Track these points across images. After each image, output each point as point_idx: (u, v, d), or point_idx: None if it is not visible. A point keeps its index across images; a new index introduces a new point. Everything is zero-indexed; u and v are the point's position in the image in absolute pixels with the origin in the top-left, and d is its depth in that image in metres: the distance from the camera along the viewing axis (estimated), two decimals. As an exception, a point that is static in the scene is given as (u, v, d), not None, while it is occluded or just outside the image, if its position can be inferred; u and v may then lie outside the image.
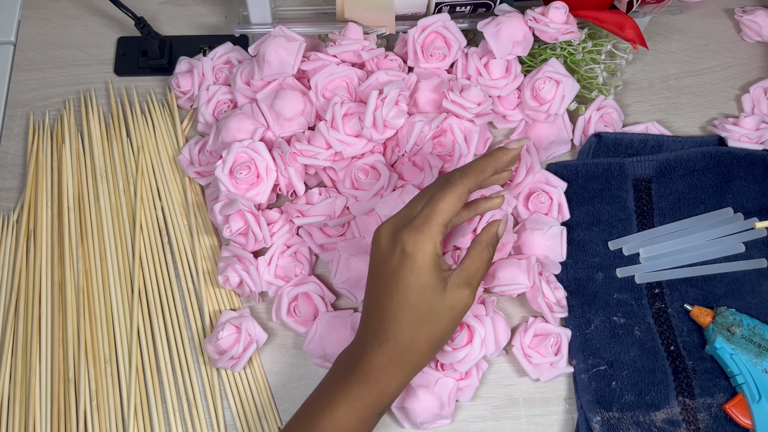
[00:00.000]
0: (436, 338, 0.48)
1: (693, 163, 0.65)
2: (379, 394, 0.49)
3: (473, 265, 0.49)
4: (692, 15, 0.75)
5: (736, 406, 0.57)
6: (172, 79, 0.68)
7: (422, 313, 0.47)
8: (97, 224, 0.63)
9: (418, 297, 0.47)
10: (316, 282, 0.60)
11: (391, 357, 0.48)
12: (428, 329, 0.48)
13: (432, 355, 0.50)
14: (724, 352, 0.57)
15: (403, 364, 0.49)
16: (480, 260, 0.49)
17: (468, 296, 0.48)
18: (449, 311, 0.48)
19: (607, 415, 0.57)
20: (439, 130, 0.62)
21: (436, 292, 0.47)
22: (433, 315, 0.47)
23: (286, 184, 0.62)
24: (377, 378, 0.48)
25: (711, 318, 0.59)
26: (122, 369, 0.59)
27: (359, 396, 0.48)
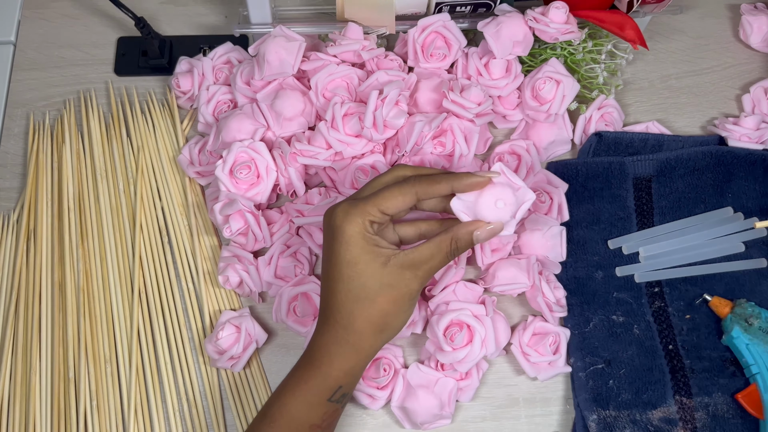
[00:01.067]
0: (375, 317, 0.48)
1: (693, 162, 0.65)
2: (323, 375, 0.48)
3: (427, 251, 0.48)
4: (692, 15, 0.75)
5: (748, 396, 0.57)
6: (172, 79, 0.68)
7: (355, 286, 0.47)
8: (97, 224, 0.63)
9: (350, 269, 0.47)
10: (316, 282, 0.60)
11: (332, 336, 0.48)
12: (365, 306, 0.47)
13: (375, 338, 0.49)
14: (741, 342, 0.58)
15: (344, 344, 0.48)
16: (437, 249, 0.48)
17: (410, 279, 0.47)
18: (387, 289, 0.47)
19: (603, 413, 0.57)
20: (440, 130, 0.62)
21: (369, 266, 0.47)
22: (368, 290, 0.47)
23: (286, 184, 0.62)
24: (321, 360, 0.48)
25: (730, 309, 0.59)
26: (122, 369, 0.59)
27: (304, 379, 0.48)
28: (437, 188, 0.48)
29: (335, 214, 0.48)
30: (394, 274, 0.47)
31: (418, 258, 0.48)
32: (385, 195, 0.48)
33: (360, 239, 0.47)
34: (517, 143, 0.64)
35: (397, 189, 0.48)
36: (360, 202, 0.48)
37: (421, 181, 0.48)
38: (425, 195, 0.49)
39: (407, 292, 0.48)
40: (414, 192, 0.48)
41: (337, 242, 0.47)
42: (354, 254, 0.47)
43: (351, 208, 0.47)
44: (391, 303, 0.48)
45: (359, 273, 0.47)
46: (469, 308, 0.56)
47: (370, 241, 0.47)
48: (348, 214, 0.47)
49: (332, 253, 0.48)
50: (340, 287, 0.48)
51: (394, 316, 0.48)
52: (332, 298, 0.48)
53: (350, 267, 0.47)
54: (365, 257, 0.47)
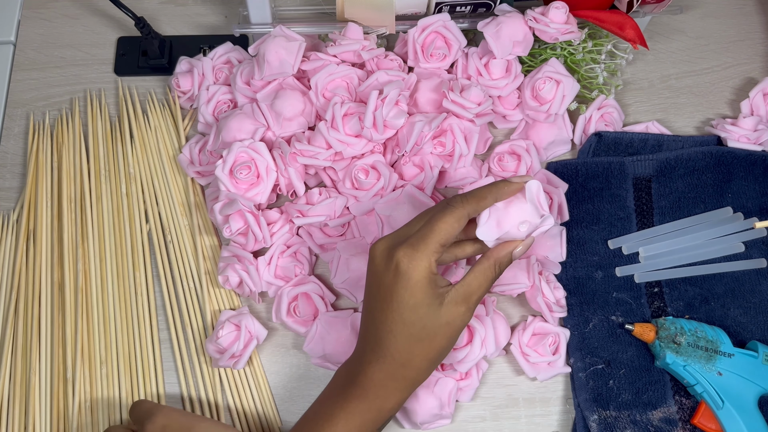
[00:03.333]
0: (433, 354, 0.48)
1: (693, 162, 0.65)
2: (378, 409, 0.49)
3: (475, 281, 0.48)
4: (692, 15, 0.75)
5: (703, 417, 0.56)
6: (172, 79, 0.68)
7: (417, 329, 0.47)
8: (97, 224, 0.63)
9: (413, 314, 0.47)
10: (316, 282, 0.60)
11: (388, 373, 0.48)
12: (424, 345, 0.48)
13: (430, 370, 0.50)
14: (677, 365, 0.57)
15: (401, 380, 0.49)
16: (483, 277, 0.49)
17: (464, 313, 0.48)
18: (445, 328, 0.48)
19: (604, 413, 0.57)
20: (439, 130, 0.62)
21: (431, 309, 0.47)
22: (429, 331, 0.47)
23: (286, 185, 0.62)
24: (376, 394, 0.49)
25: (654, 333, 0.58)
26: (123, 370, 0.59)
27: (358, 411, 0.49)
28: (485, 203, 0.49)
29: (398, 259, 0.47)
30: (451, 312, 0.47)
31: (469, 291, 0.48)
32: (441, 227, 0.47)
33: (425, 284, 0.47)
34: (517, 143, 0.64)
35: (449, 215, 0.47)
36: (421, 244, 0.47)
37: (469, 200, 0.48)
38: (475, 213, 0.49)
39: (461, 326, 0.49)
40: (466, 214, 0.48)
41: (400, 286, 0.47)
42: (418, 299, 0.47)
43: (414, 252, 0.47)
44: (448, 339, 0.48)
45: (421, 317, 0.47)
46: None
47: (433, 284, 0.47)
48: (413, 258, 0.47)
49: (393, 297, 0.47)
50: (399, 329, 0.47)
51: (448, 348, 0.49)
52: (390, 338, 0.48)
53: (413, 312, 0.47)
54: (428, 301, 0.47)
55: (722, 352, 0.57)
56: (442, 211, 0.48)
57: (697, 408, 0.57)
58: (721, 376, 0.56)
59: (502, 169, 0.64)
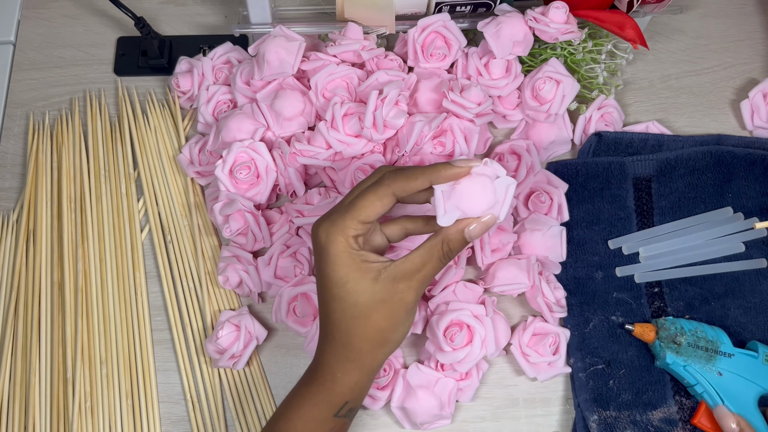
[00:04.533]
0: (371, 333, 0.46)
1: (693, 162, 0.65)
2: (327, 392, 0.47)
3: (419, 258, 0.45)
4: (692, 15, 0.75)
5: (703, 417, 0.56)
6: (172, 79, 0.68)
7: (349, 305, 0.45)
8: (97, 224, 0.63)
9: (340, 289, 0.45)
10: (315, 282, 0.60)
11: (333, 354, 0.47)
12: (359, 323, 0.46)
13: (375, 353, 0.47)
14: (677, 365, 0.57)
15: (346, 362, 0.47)
16: (429, 255, 0.45)
17: (404, 291, 0.45)
18: (380, 305, 0.45)
19: (604, 414, 0.57)
20: (439, 130, 0.62)
21: (359, 284, 0.45)
22: (361, 308, 0.45)
23: (286, 185, 0.62)
24: (325, 377, 0.48)
25: (654, 333, 0.58)
26: (122, 370, 0.59)
27: (309, 395, 0.48)
28: (414, 184, 0.45)
29: (318, 234, 0.46)
30: (386, 288, 0.45)
31: (410, 268, 0.45)
32: (362, 204, 0.45)
33: (346, 258, 0.45)
34: (517, 143, 0.64)
35: (372, 193, 0.46)
36: (338, 218, 0.46)
37: (397, 178, 0.46)
38: (403, 193, 0.46)
39: (402, 305, 0.46)
40: (390, 193, 0.46)
41: (324, 263, 0.46)
42: (342, 274, 0.45)
43: (331, 227, 0.46)
44: (387, 318, 0.46)
45: (349, 292, 0.45)
46: (469, 308, 0.56)
47: (357, 258, 0.45)
48: (330, 233, 0.45)
49: (321, 274, 0.46)
50: (333, 306, 0.46)
51: (392, 330, 0.47)
52: (328, 317, 0.47)
53: (340, 287, 0.45)
54: (353, 275, 0.45)
55: (722, 353, 0.57)
56: (366, 188, 0.46)
57: (697, 408, 0.57)
58: (721, 376, 0.56)
59: (502, 169, 0.64)
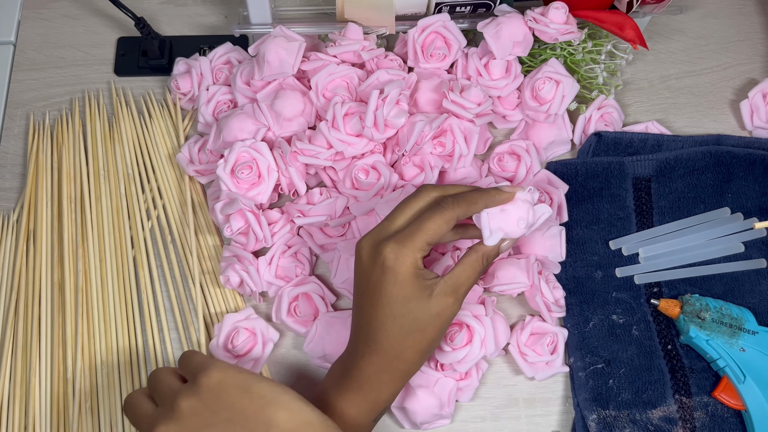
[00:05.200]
0: (423, 346, 0.49)
1: (693, 162, 0.65)
2: (373, 401, 0.50)
3: (463, 273, 0.50)
4: (692, 15, 0.75)
5: (724, 391, 0.57)
6: (171, 81, 0.68)
7: (407, 322, 0.48)
8: (97, 224, 0.63)
9: (402, 307, 0.48)
10: (316, 282, 0.60)
11: (381, 365, 0.49)
12: (415, 337, 0.49)
13: (421, 362, 0.51)
14: (700, 339, 0.58)
15: (394, 372, 0.50)
16: (471, 270, 0.50)
17: (452, 304, 0.49)
18: (435, 319, 0.49)
19: (603, 413, 0.57)
20: (439, 130, 0.62)
21: (420, 302, 0.48)
22: (419, 323, 0.48)
23: (287, 184, 0.62)
24: (370, 386, 0.49)
25: (679, 308, 0.59)
26: (123, 370, 0.59)
27: (354, 404, 0.49)
28: (475, 208, 0.50)
29: (385, 254, 0.48)
30: (440, 303, 0.49)
31: (457, 282, 0.49)
32: (429, 226, 0.48)
33: (413, 278, 0.48)
34: (517, 143, 0.64)
35: (439, 216, 0.49)
36: (408, 240, 0.48)
37: (460, 203, 0.49)
38: (464, 216, 0.50)
39: (450, 317, 0.50)
40: (455, 216, 0.49)
41: (388, 282, 0.48)
42: (407, 293, 0.48)
43: (401, 248, 0.48)
44: (438, 330, 0.49)
45: (411, 310, 0.48)
46: (469, 308, 0.56)
47: (420, 278, 0.48)
48: (399, 254, 0.48)
49: (381, 292, 0.48)
50: (391, 323, 0.48)
51: (438, 339, 0.50)
52: (381, 331, 0.49)
53: (403, 305, 0.48)
54: (417, 294, 0.48)
55: (747, 330, 0.58)
56: (432, 211, 0.49)
57: (719, 381, 0.58)
58: (744, 352, 0.57)
59: (502, 169, 0.64)
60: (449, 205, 0.49)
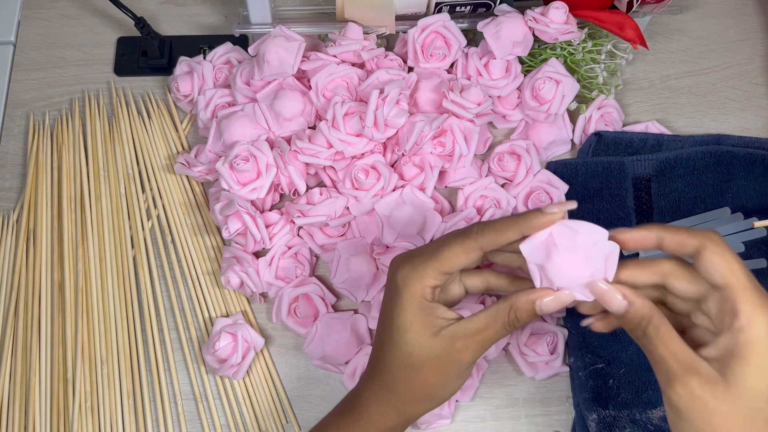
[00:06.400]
0: (418, 385, 0.45)
1: (693, 162, 0.65)
2: (361, 430, 0.46)
3: (482, 320, 0.43)
4: (692, 15, 0.75)
5: None
6: (172, 81, 0.68)
7: (403, 354, 0.44)
8: (97, 224, 0.63)
9: (399, 336, 0.44)
10: (316, 283, 0.60)
11: (375, 393, 0.46)
12: (409, 374, 0.45)
13: (417, 405, 0.46)
14: None
15: (386, 405, 0.46)
16: (493, 319, 0.43)
17: (460, 350, 0.43)
18: (434, 361, 0.44)
19: (603, 413, 0.57)
20: (439, 130, 0.62)
21: (419, 336, 0.44)
22: (414, 359, 0.44)
23: (287, 183, 0.62)
24: (361, 414, 0.46)
25: None
26: (123, 370, 0.59)
27: (343, 429, 0.47)
28: (504, 237, 0.42)
29: (397, 274, 0.45)
30: (443, 345, 0.43)
31: (473, 328, 0.43)
32: (445, 254, 0.43)
33: (415, 307, 0.44)
34: (517, 143, 0.64)
35: (457, 245, 0.43)
36: (420, 265, 0.44)
37: (485, 231, 0.43)
38: (491, 247, 0.43)
39: (456, 364, 0.44)
40: (478, 246, 0.43)
41: (393, 303, 0.45)
42: (407, 321, 0.44)
43: (411, 271, 0.44)
44: (438, 375, 0.44)
45: (407, 342, 0.44)
46: (469, 308, 0.56)
47: (426, 310, 0.44)
48: (407, 277, 0.44)
49: (387, 313, 0.45)
50: (388, 349, 0.45)
51: (440, 387, 0.45)
52: (381, 357, 0.46)
53: (400, 333, 0.44)
54: (416, 326, 0.44)
55: None
56: (453, 238, 0.44)
57: None
58: None
59: (502, 169, 0.64)
60: (472, 233, 0.43)
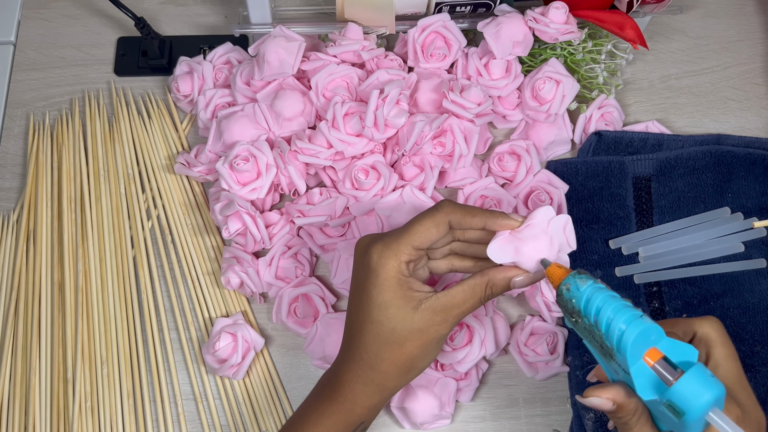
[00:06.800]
0: (402, 360, 0.46)
1: (693, 161, 0.65)
2: (346, 411, 0.47)
3: (460, 295, 0.46)
4: (692, 15, 0.75)
5: None
6: (172, 81, 0.68)
7: (385, 330, 0.46)
8: (97, 224, 0.63)
9: (380, 313, 0.46)
10: (316, 283, 0.60)
11: (357, 373, 0.47)
12: (393, 349, 0.46)
13: (401, 378, 0.48)
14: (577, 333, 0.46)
15: (369, 383, 0.47)
16: (471, 293, 0.46)
17: (439, 323, 0.46)
18: (416, 334, 0.46)
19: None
20: (439, 130, 0.62)
21: (400, 311, 0.45)
22: (397, 335, 0.45)
23: (287, 183, 0.62)
24: (344, 395, 0.47)
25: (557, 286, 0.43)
26: (123, 370, 0.59)
27: (327, 413, 0.47)
28: (471, 220, 0.46)
29: (370, 254, 0.46)
30: (424, 318, 0.45)
31: (450, 302, 0.46)
32: (417, 228, 0.46)
33: (394, 283, 0.45)
34: (517, 143, 0.64)
35: (428, 219, 0.46)
36: (393, 242, 0.46)
37: (456, 209, 0.46)
38: (458, 224, 0.46)
39: (436, 337, 0.46)
40: (446, 221, 0.46)
41: (370, 283, 0.46)
42: (387, 298, 0.45)
43: (385, 249, 0.45)
44: (419, 347, 0.46)
45: (390, 318, 0.45)
46: None
47: (404, 285, 0.46)
48: (382, 255, 0.45)
49: (364, 294, 0.46)
50: (368, 328, 0.46)
51: (421, 358, 0.47)
52: (359, 337, 0.47)
53: (381, 311, 0.46)
54: (397, 302, 0.45)
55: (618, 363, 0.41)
56: (424, 213, 0.47)
57: None
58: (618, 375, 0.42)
59: (502, 169, 0.64)
60: (443, 208, 0.46)
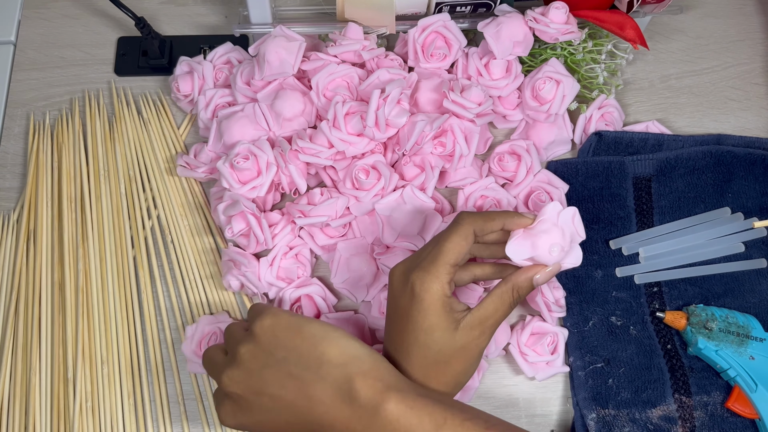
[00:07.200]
0: (448, 378, 0.48)
1: (693, 162, 0.65)
2: None
3: (491, 306, 0.48)
4: (692, 15, 0.75)
5: (737, 401, 0.57)
6: (172, 81, 0.68)
7: (432, 353, 0.47)
8: (98, 224, 0.63)
9: (428, 337, 0.47)
10: (318, 284, 0.60)
11: None
12: (440, 369, 0.48)
13: None
14: (709, 350, 0.57)
15: None
16: (500, 302, 0.48)
17: (478, 337, 0.48)
18: (460, 352, 0.47)
19: (603, 412, 0.57)
20: (440, 130, 0.62)
21: (446, 333, 0.47)
22: (444, 355, 0.47)
23: (288, 183, 0.62)
24: None
25: (686, 319, 0.59)
26: (124, 370, 0.59)
27: None
28: (492, 224, 0.49)
29: (412, 282, 0.47)
30: (465, 336, 0.47)
31: (484, 314, 0.48)
32: (448, 246, 0.48)
33: (439, 306, 0.47)
34: (517, 143, 0.64)
35: (455, 234, 0.48)
36: (431, 266, 0.47)
37: (476, 218, 0.49)
38: (481, 231, 0.49)
39: (477, 351, 0.48)
40: (471, 231, 0.48)
41: (415, 309, 0.47)
42: (432, 322, 0.47)
43: (426, 275, 0.47)
44: (463, 363, 0.48)
45: (436, 340, 0.47)
46: None
47: (447, 308, 0.47)
48: (424, 281, 0.47)
49: (407, 320, 0.48)
50: (415, 352, 0.48)
51: (464, 373, 0.49)
52: (406, 360, 0.48)
53: (428, 335, 0.47)
54: (442, 324, 0.47)
55: (754, 337, 0.57)
56: (449, 230, 0.49)
57: (731, 392, 0.58)
58: (754, 360, 0.57)
59: (502, 169, 0.64)
60: (464, 220, 0.49)
